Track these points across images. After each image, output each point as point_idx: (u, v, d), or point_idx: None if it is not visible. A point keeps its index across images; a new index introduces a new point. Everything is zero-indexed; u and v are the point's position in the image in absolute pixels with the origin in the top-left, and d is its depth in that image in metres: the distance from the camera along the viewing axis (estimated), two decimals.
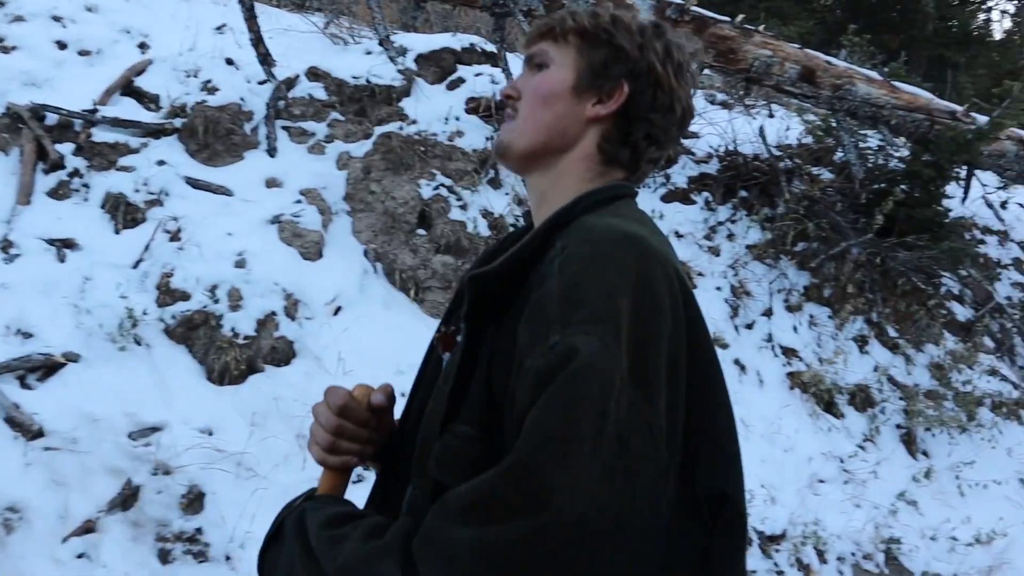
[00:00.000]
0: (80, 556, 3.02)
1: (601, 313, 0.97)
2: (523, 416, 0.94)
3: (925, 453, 5.14)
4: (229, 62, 5.68)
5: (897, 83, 6.24)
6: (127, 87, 5.43)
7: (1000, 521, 4.66)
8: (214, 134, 5.13)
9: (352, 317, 4.28)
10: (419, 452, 1.15)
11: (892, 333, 5.66)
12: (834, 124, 6.21)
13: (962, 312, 6.12)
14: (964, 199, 6.62)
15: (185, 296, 4.08)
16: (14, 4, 5.67)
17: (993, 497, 4.96)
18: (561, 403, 0.92)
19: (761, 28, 6.28)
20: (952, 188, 6.40)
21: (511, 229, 5.19)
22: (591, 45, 1.26)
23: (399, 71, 5.80)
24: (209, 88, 5.38)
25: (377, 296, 4.47)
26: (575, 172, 1.24)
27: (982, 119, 6.23)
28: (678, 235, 5.57)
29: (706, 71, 6.59)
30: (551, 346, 0.95)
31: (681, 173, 6.03)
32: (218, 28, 6.30)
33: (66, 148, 4.77)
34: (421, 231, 4.95)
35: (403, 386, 4.41)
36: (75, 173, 4.66)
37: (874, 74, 6.28)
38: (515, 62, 6.00)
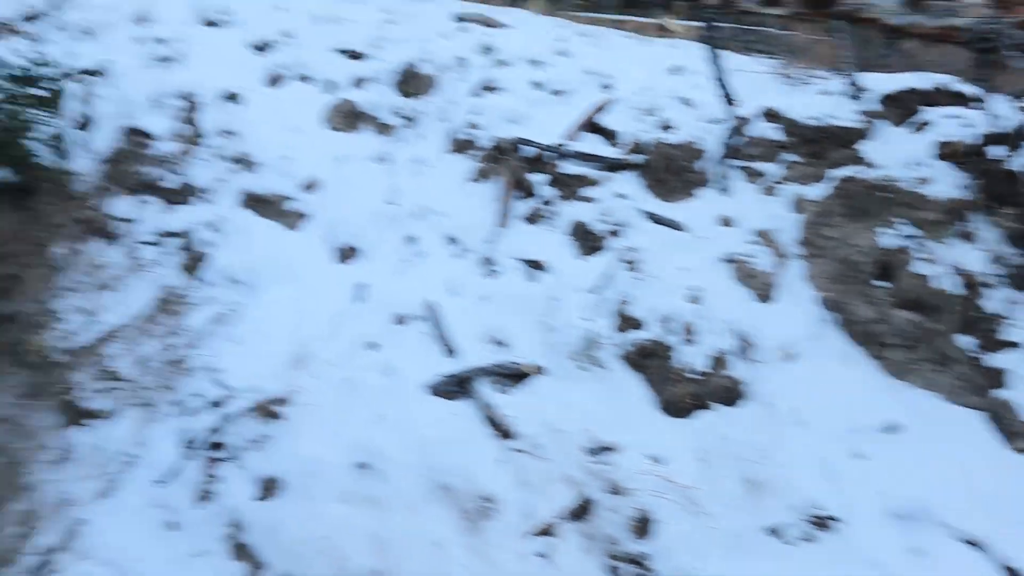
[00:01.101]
0: (540, 556, 3.19)
1: None
2: None
3: None
4: (685, 102, 5.81)
5: None
6: (590, 124, 5.80)
7: None
8: (670, 171, 5.26)
9: (804, 366, 4.08)
10: None
11: None
12: None
13: None
14: None
15: (639, 325, 4.19)
16: (500, 51, 6.36)
17: None
18: None
19: None
20: None
21: (982, 289, 4.63)
22: None
23: (861, 112, 5.49)
24: (666, 126, 5.55)
25: (832, 347, 4.22)
26: None
27: None
28: None
29: None
30: None
31: None
32: (672, 70, 6.50)
33: (537, 178, 5.21)
34: (880, 282, 4.59)
35: (856, 445, 4.01)
36: (545, 201, 5.05)
37: None
38: (997, 103, 5.37)
